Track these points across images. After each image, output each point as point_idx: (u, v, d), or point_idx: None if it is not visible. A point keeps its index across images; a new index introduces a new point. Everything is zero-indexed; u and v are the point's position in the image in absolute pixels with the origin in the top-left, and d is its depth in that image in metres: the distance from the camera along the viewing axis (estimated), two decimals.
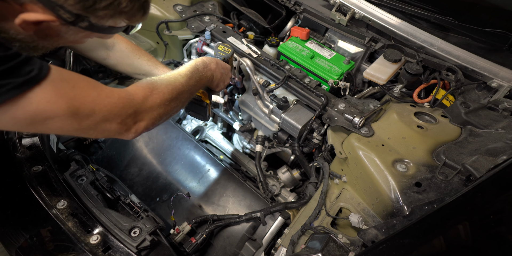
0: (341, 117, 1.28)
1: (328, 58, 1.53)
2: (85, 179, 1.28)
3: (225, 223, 1.37)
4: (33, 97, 0.69)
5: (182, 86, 1.03)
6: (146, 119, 0.92)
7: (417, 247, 0.76)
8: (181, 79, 1.05)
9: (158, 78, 1.00)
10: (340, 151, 1.21)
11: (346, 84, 1.43)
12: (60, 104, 0.72)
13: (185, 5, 1.73)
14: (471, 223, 0.78)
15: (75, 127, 0.77)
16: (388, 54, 1.35)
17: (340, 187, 1.25)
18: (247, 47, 1.56)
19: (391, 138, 1.15)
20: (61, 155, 1.39)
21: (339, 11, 1.50)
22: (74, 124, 0.76)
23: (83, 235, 1.09)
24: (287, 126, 1.47)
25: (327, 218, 1.17)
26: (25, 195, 1.17)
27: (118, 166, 1.65)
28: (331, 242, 1.00)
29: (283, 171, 1.71)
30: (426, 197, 0.97)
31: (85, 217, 1.13)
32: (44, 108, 0.70)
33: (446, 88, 1.38)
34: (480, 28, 1.36)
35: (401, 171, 1.05)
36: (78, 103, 0.75)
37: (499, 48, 1.36)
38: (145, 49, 1.71)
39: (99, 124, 0.80)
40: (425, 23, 1.45)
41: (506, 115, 1.24)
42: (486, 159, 0.97)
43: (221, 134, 1.99)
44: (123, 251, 1.07)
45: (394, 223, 0.92)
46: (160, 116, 0.96)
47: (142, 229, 1.13)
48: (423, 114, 1.28)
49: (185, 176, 1.62)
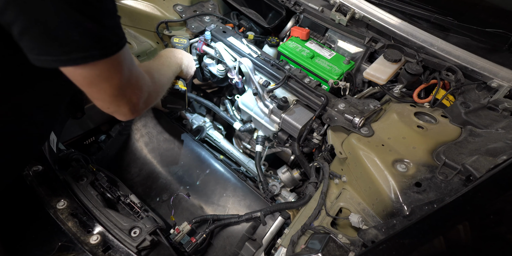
0: (341, 117, 1.28)
1: (328, 58, 1.53)
2: (85, 179, 1.28)
3: (225, 223, 1.37)
4: (115, 60, 0.73)
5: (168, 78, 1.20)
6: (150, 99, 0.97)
7: (417, 247, 0.76)
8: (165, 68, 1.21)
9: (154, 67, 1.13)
10: (340, 151, 1.21)
11: (346, 84, 1.43)
12: (125, 70, 0.78)
13: (185, 5, 1.73)
14: (471, 223, 0.77)
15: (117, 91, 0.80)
16: (388, 54, 1.35)
17: (340, 187, 1.25)
18: (247, 47, 1.56)
19: (391, 138, 1.15)
20: (61, 155, 1.38)
21: (339, 11, 1.50)
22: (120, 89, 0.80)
23: (83, 235, 1.09)
24: (287, 126, 1.47)
25: (327, 218, 1.17)
26: (25, 195, 1.17)
27: (118, 166, 1.65)
28: (331, 242, 1.00)
29: (283, 171, 1.71)
30: (426, 197, 0.97)
31: (85, 217, 1.13)
32: (114, 71, 0.75)
33: (446, 88, 1.38)
34: (480, 28, 1.36)
35: (401, 171, 1.05)
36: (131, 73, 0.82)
37: (499, 48, 1.35)
38: (145, 49, 1.71)
39: (130, 95, 0.84)
40: (425, 23, 1.45)
41: (506, 115, 1.23)
42: (486, 159, 0.97)
43: (221, 134, 1.99)
44: (123, 251, 1.08)
45: (394, 223, 0.92)
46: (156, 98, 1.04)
47: (142, 229, 1.13)
48: (423, 114, 1.28)
49: (185, 176, 1.62)
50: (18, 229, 1.11)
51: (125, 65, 0.77)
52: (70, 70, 0.71)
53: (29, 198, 1.17)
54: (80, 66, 0.69)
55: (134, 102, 0.86)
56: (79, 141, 1.69)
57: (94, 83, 0.75)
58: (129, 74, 0.80)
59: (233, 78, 1.66)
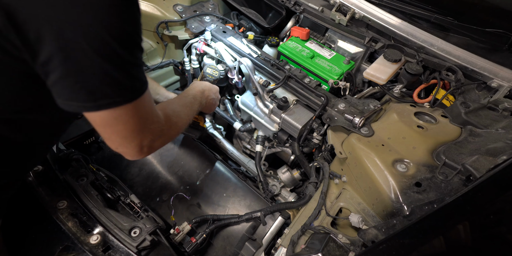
0: (341, 117, 1.28)
1: (328, 58, 1.53)
2: (85, 179, 1.28)
3: (225, 223, 1.37)
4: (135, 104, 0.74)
5: (187, 120, 1.11)
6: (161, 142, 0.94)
7: (417, 247, 0.76)
8: (186, 110, 1.12)
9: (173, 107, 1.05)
10: (340, 151, 1.21)
11: (346, 84, 1.43)
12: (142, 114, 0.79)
13: (185, 5, 1.73)
14: (471, 223, 0.77)
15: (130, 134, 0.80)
16: (388, 54, 1.35)
17: (340, 187, 1.25)
18: (247, 47, 1.56)
19: (391, 138, 1.15)
20: (61, 155, 1.38)
21: (339, 11, 1.50)
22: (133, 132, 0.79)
23: (83, 235, 1.09)
24: (287, 126, 1.47)
25: (327, 218, 1.17)
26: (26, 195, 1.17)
27: (118, 166, 1.65)
28: (331, 242, 1.00)
29: (283, 171, 1.71)
30: (426, 197, 0.97)
31: (85, 217, 1.13)
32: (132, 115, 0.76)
33: (446, 88, 1.38)
34: (480, 28, 1.36)
35: (401, 171, 1.05)
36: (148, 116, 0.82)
37: (499, 48, 1.36)
38: (145, 49, 1.71)
39: (141, 138, 0.83)
40: (425, 23, 1.45)
41: (506, 115, 1.24)
42: (486, 159, 0.97)
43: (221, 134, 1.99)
44: (123, 251, 1.08)
45: (394, 223, 0.92)
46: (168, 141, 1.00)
47: (142, 229, 1.13)
48: (423, 114, 1.28)
49: (185, 176, 1.62)
50: (19, 229, 1.11)
51: (144, 109, 0.78)
52: (91, 113, 0.73)
53: (29, 198, 1.17)
54: (101, 110, 0.71)
55: (144, 145, 0.85)
56: (79, 141, 1.69)
57: (110, 125, 0.76)
58: (146, 118, 0.80)
59: (233, 78, 1.66)
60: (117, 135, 0.79)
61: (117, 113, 0.73)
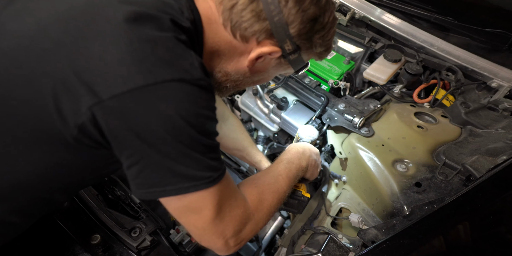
0: (341, 117, 1.28)
1: (328, 58, 1.53)
2: None
3: None
4: (212, 190, 0.69)
5: (284, 193, 0.93)
6: (251, 229, 0.80)
7: (417, 247, 0.76)
8: (282, 182, 0.93)
9: (262, 181, 0.90)
10: (340, 151, 1.21)
11: (346, 84, 1.43)
12: (219, 201, 0.71)
13: None
14: (471, 223, 0.78)
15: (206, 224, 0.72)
16: (388, 54, 1.35)
17: (340, 187, 1.25)
18: None
19: (391, 138, 1.15)
20: None
21: (339, 11, 1.50)
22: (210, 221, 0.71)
23: (83, 235, 1.09)
24: (287, 126, 1.47)
25: (327, 218, 1.17)
26: None
27: None
28: (331, 242, 1.00)
29: None
30: (426, 197, 0.97)
31: (85, 217, 1.13)
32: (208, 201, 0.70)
33: (446, 88, 1.38)
34: (480, 28, 1.36)
35: (401, 171, 1.05)
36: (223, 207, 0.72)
37: (499, 48, 1.36)
38: None
39: (222, 228, 0.73)
40: (425, 23, 1.45)
41: (506, 115, 1.24)
42: (486, 159, 0.97)
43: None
44: (123, 251, 1.08)
45: (394, 223, 0.92)
46: (260, 226, 0.84)
47: (142, 229, 1.13)
48: (423, 114, 1.28)
49: None
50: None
51: (221, 193, 0.71)
52: (168, 198, 0.71)
53: None
54: (180, 195, 0.68)
55: (228, 237, 0.73)
56: None
57: (184, 213, 0.72)
58: (223, 204, 0.72)
59: None
60: (193, 226, 0.73)
61: (193, 199, 0.68)
